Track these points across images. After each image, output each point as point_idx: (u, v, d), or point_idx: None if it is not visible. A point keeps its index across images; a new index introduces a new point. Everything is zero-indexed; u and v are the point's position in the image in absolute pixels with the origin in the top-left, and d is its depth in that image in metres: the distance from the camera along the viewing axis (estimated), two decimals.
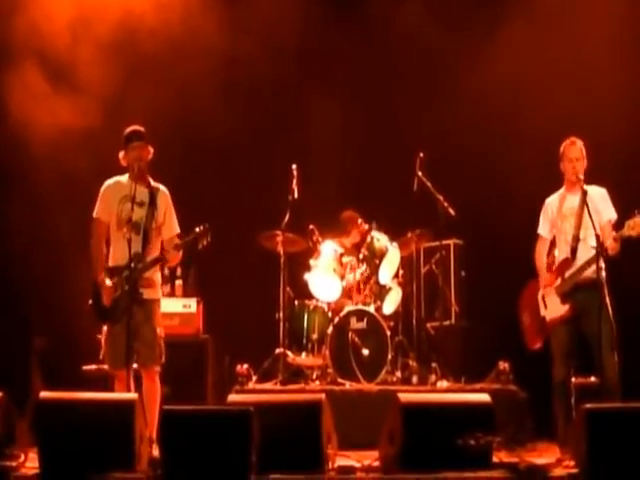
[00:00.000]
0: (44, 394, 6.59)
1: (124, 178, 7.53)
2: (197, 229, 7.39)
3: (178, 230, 7.62)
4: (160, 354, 7.39)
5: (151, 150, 7.54)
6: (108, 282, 7.31)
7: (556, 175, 7.88)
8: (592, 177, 7.73)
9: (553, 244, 7.88)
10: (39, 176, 9.78)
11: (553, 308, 7.69)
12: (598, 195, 7.66)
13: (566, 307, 7.59)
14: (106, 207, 7.51)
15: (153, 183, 7.55)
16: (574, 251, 7.60)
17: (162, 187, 7.62)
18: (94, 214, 7.55)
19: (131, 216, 7.28)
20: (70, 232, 9.41)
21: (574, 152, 7.70)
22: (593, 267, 7.41)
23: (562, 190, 7.88)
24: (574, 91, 9.94)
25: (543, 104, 10.01)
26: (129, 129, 7.54)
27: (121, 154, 7.50)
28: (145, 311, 7.33)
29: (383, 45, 10.98)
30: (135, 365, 7.31)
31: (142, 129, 7.53)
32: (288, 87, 10.91)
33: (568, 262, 7.63)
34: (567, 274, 7.63)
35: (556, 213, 7.82)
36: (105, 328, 7.39)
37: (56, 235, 9.72)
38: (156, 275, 7.54)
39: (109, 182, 7.59)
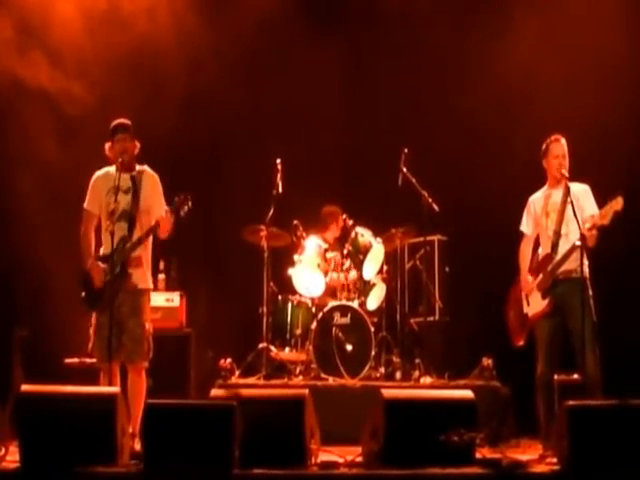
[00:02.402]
0: (25, 387, 6.55)
1: (113, 169, 7.46)
2: (176, 198, 7.34)
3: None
4: (148, 350, 7.35)
5: (137, 145, 7.51)
6: (99, 263, 7.31)
7: (540, 172, 7.89)
8: (575, 174, 7.76)
9: (538, 243, 7.89)
10: (18, 163, 9.76)
11: (535, 304, 7.71)
12: (581, 191, 7.67)
13: (546, 302, 7.61)
14: (94, 198, 7.49)
15: (138, 167, 7.55)
16: (555, 246, 7.62)
17: (148, 169, 7.60)
18: (84, 204, 7.54)
19: (114, 208, 7.25)
20: (53, 221, 9.38)
21: (559, 149, 7.71)
22: (571, 259, 7.44)
23: (545, 187, 7.89)
24: (559, 90, 9.98)
25: (528, 101, 10.04)
26: (114, 123, 7.50)
27: (107, 145, 7.48)
28: (133, 302, 7.31)
29: (368, 41, 10.98)
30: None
31: (127, 122, 7.50)
32: (273, 81, 10.89)
33: (549, 257, 7.65)
34: (548, 269, 7.64)
35: (540, 211, 7.83)
36: (93, 320, 7.35)
37: (38, 224, 9.67)
38: (145, 254, 7.49)
39: (99, 173, 7.56)
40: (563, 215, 7.60)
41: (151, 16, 9.94)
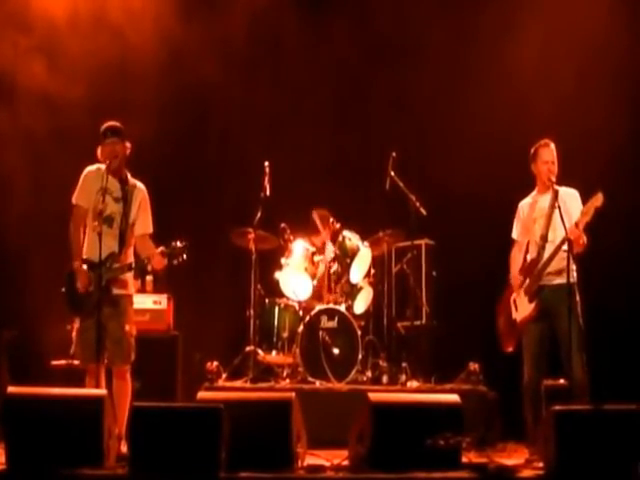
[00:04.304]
0: (12, 389, 6.53)
1: (104, 167, 7.40)
2: (174, 244, 7.33)
3: (151, 230, 7.57)
4: (128, 352, 7.31)
5: (128, 146, 7.46)
6: (85, 267, 7.26)
7: (528, 176, 7.89)
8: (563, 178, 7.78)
9: (528, 249, 7.89)
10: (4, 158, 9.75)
11: (522, 309, 7.71)
12: (570, 196, 7.68)
13: (533, 306, 7.62)
14: (84, 193, 7.40)
15: (131, 179, 7.51)
16: (541, 251, 7.62)
17: (140, 184, 7.57)
18: (73, 200, 7.45)
19: (103, 209, 7.22)
20: (39, 221, 9.36)
21: (548, 155, 7.70)
22: (559, 264, 7.44)
23: (534, 193, 7.89)
24: (548, 92, 10.02)
25: (517, 105, 10.06)
26: (104, 126, 7.44)
27: (99, 150, 7.43)
28: (114, 306, 7.26)
29: (356, 43, 10.98)
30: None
31: (118, 124, 7.43)
32: (261, 84, 10.89)
33: (535, 262, 7.65)
34: (534, 273, 7.64)
35: (528, 217, 7.83)
36: (75, 324, 7.33)
37: (24, 225, 9.65)
38: (129, 275, 7.47)
39: (90, 168, 7.48)
40: (550, 220, 7.60)
41: (139, 18, 9.95)
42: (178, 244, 7.32)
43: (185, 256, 7.32)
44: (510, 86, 10.20)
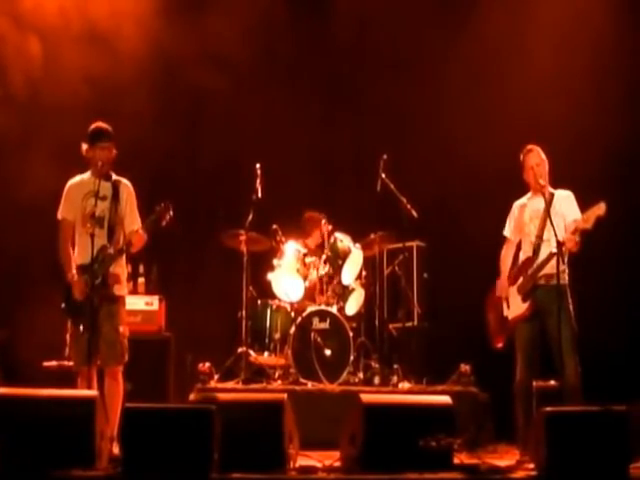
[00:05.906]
0: (3, 390, 6.51)
1: (86, 175, 7.45)
2: (157, 207, 7.32)
3: (140, 225, 7.56)
4: (122, 354, 7.32)
5: (114, 150, 7.44)
6: (79, 277, 7.25)
7: (520, 178, 7.90)
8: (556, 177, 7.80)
9: (520, 249, 7.90)
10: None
11: (515, 307, 7.72)
12: (564, 198, 7.71)
13: (526, 305, 7.63)
14: (70, 206, 7.41)
15: (115, 177, 7.49)
16: (537, 250, 7.64)
17: (125, 180, 7.55)
18: (58, 215, 7.45)
19: (94, 211, 7.23)
20: (31, 221, 9.36)
21: (533, 159, 7.74)
22: (552, 265, 7.45)
23: (530, 194, 7.91)
24: (536, 95, 10.06)
25: (508, 106, 10.08)
26: (97, 126, 7.41)
27: (84, 147, 7.40)
28: (107, 307, 7.26)
29: (347, 45, 11.01)
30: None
31: (109, 128, 7.41)
32: (252, 87, 10.89)
33: (530, 261, 7.66)
34: (529, 272, 7.66)
35: (523, 217, 7.84)
36: (69, 325, 7.32)
37: (17, 225, 9.64)
38: (122, 270, 7.47)
39: (72, 181, 7.50)
40: (545, 221, 7.61)
41: (127, 23, 9.96)
42: (161, 207, 7.30)
43: (171, 213, 7.29)
44: (503, 88, 10.23)
